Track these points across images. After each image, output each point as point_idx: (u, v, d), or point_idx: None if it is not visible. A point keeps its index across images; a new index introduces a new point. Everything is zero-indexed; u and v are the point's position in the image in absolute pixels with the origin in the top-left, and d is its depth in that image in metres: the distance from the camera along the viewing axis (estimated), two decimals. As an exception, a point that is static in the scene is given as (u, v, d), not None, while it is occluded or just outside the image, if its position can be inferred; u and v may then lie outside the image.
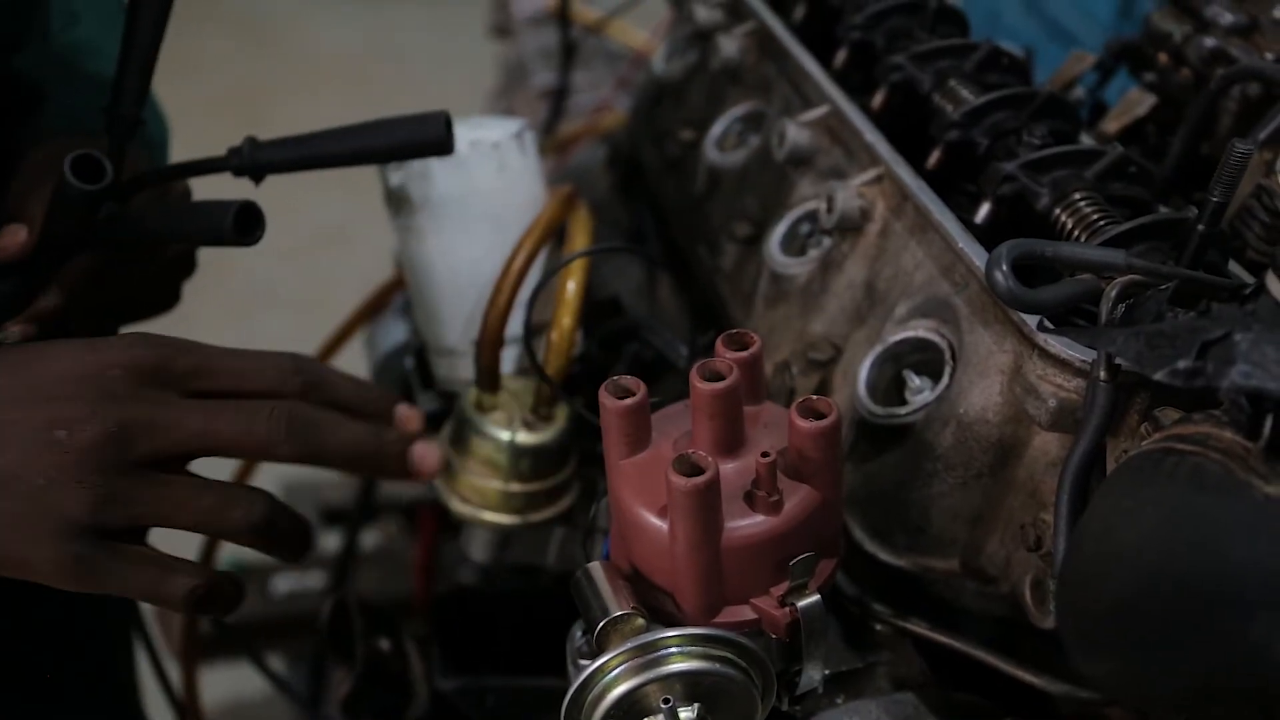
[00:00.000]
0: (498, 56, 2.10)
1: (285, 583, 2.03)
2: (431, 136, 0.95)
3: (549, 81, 1.76)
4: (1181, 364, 0.61)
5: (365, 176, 1.00)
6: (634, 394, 0.75)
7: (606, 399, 0.75)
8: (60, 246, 0.90)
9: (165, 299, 1.05)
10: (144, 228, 0.93)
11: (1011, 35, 1.14)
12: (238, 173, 0.91)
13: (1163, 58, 1.08)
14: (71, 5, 1.09)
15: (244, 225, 0.88)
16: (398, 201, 1.07)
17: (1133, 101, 1.05)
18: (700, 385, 0.73)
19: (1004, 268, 0.70)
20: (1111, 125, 1.04)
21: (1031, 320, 0.77)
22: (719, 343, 0.77)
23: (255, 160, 0.91)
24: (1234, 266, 0.84)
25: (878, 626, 0.86)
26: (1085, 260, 0.73)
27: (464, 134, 1.06)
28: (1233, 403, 0.61)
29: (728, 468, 0.74)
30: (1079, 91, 1.12)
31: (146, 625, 1.37)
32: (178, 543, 1.42)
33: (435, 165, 1.05)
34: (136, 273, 1.00)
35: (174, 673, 1.62)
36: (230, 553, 1.74)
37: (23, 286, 0.90)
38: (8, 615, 1.02)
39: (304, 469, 2.38)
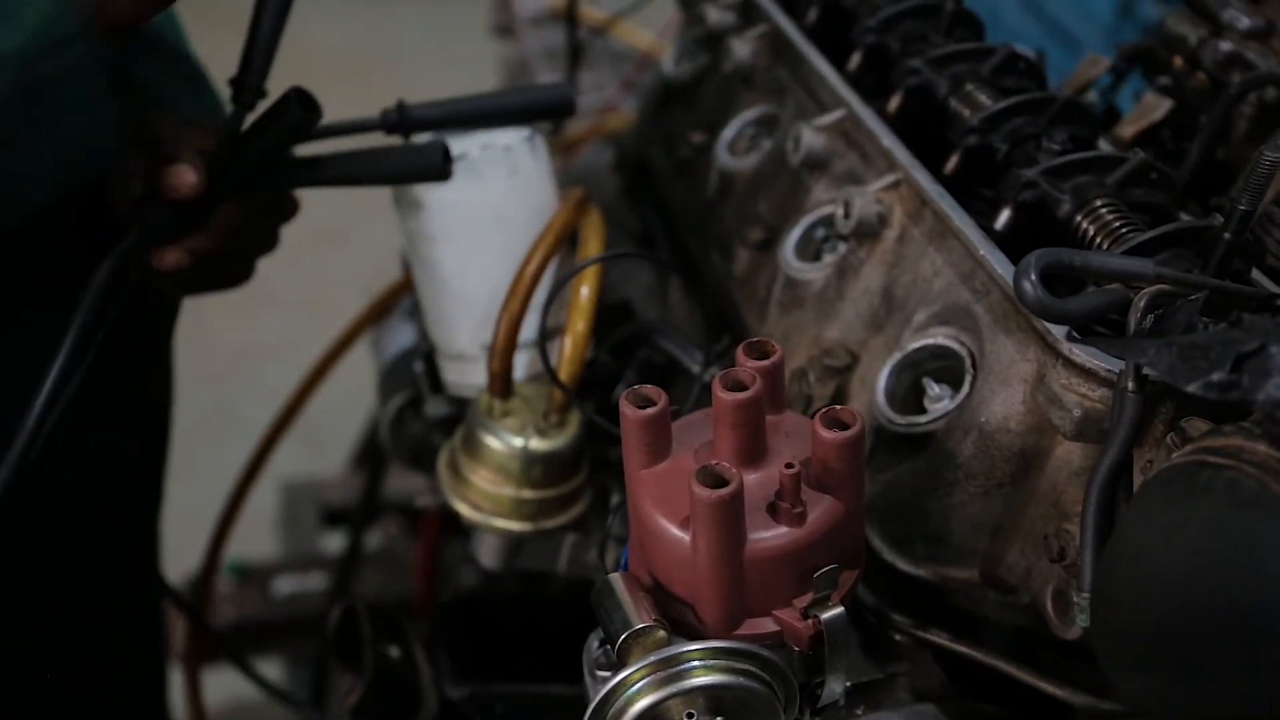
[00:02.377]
0: (499, 56, 2.09)
1: (287, 584, 2.01)
2: (557, 100, 1.04)
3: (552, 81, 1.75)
4: (1216, 376, 0.60)
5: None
6: (655, 403, 0.74)
7: (627, 408, 0.74)
8: (239, 182, 0.96)
9: (245, 271, 1.09)
10: (338, 172, 1.00)
11: (1011, 35, 1.13)
12: (389, 131, 1.00)
13: (1177, 61, 1.08)
14: None
15: (449, 161, 0.99)
16: (408, 205, 1.06)
17: (1149, 106, 1.04)
18: (723, 395, 0.72)
19: (1033, 277, 0.69)
20: (1127, 130, 1.03)
21: (1055, 329, 0.77)
22: (740, 351, 0.76)
23: (406, 120, 1.00)
24: (1256, 274, 0.83)
25: (897, 637, 0.85)
26: (1113, 270, 0.72)
27: (475, 137, 1.05)
28: (1268, 415, 0.60)
29: (750, 478, 0.73)
30: (1091, 95, 1.12)
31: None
32: (179, 540, 1.42)
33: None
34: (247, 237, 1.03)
35: (176, 676, 1.62)
36: (233, 553, 1.73)
37: (181, 221, 0.96)
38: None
39: (307, 469, 2.37)
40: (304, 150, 1.01)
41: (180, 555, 1.96)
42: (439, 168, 0.99)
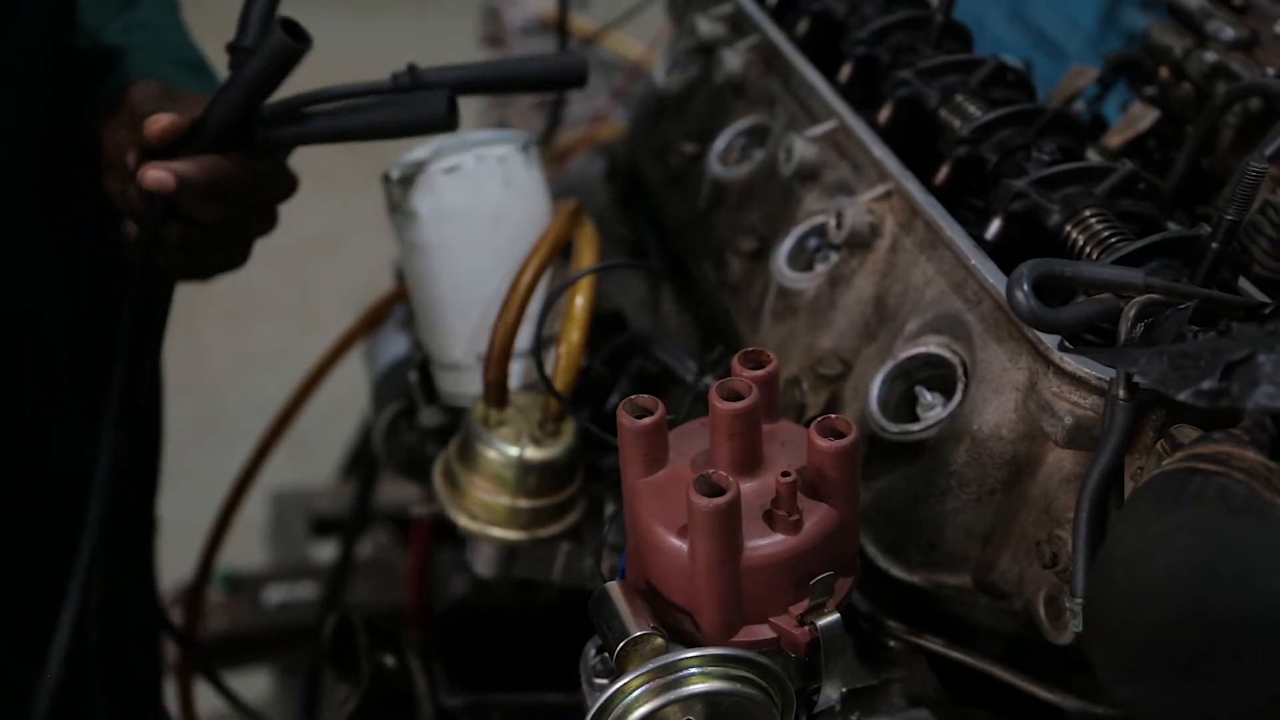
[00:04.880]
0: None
1: (277, 593, 2.01)
2: (570, 69, 1.04)
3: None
4: (1206, 385, 0.61)
5: (358, 184, 1.01)
6: (652, 413, 0.75)
7: (625, 418, 0.75)
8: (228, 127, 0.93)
9: (243, 253, 1.07)
10: (334, 126, 0.97)
11: (997, 45, 1.15)
12: (398, 93, 0.98)
13: (1163, 72, 1.09)
14: None
15: (454, 111, 0.95)
16: (403, 215, 1.07)
17: (1135, 116, 1.05)
18: (720, 405, 0.73)
19: (1025, 288, 0.70)
20: (1114, 139, 1.05)
21: (1046, 338, 0.77)
22: (735, 361, 0.77)
23: (416, 82, 0.97)
24: (1243, 283, 0.84)
25: (891, 643, 0.86)
26: (1104, 280, 0.73)
27: (469, 148, 1.06)
28: (1256, 423, 0.61)
29: (747, 487, 0.74)
30: (1078, 104, 1.13)
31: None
32: (177, 546, 1.42)
33: (441, 179, 1.04)
34: (240, 216, 1.02)
35: (169, 687, 1.61)
36: (223, 563, 1.73)
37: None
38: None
39: (295, 478, 2.36)
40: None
41: (172, 565, 1.96)
42: (442, 118, 0.95)
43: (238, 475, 1.48)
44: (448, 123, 0.96)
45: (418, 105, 0.96)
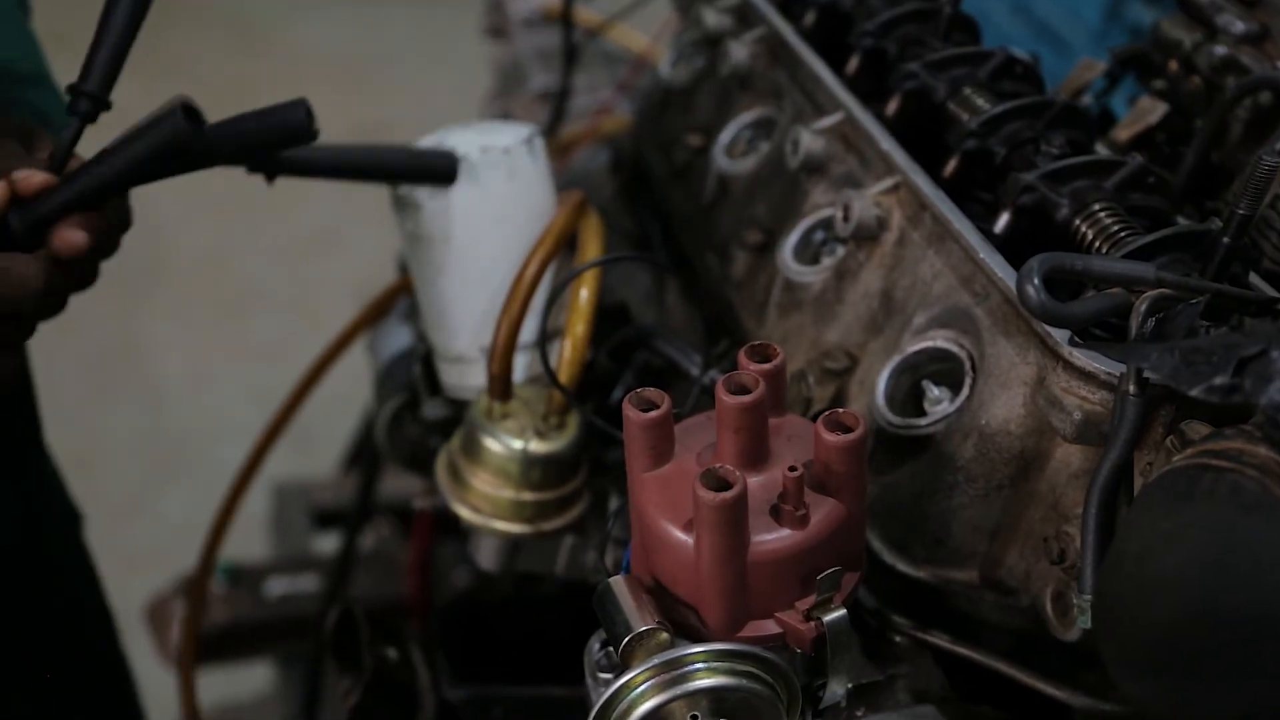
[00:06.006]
0: (492, 58, 2.09)
1: (279, 585, 2.01)
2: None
3: (546, 83, 1.74)
4: (1218, 380, 0.61)
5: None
6: (658, 406, 0.74)
7: (631, 412, 0.74)
8: (97, 190, 0.88)
9: (59, 304, 0.96)
10: (223, 149, 0.91)
11: (1001, 37, 1.14)
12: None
13: (1172, 65, 1.08)
14: None
15: (311, 118, 0.89)
16: (406, 207, 1.06)
17: (1144, 110, 1.05)
18: (726, 399, 0.72)
19: (1036, 282, 0.69)
20: (1123, 133, 1.04)
21: (1056, 332, 0.77)
22: (742, 355, 0.77)
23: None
24: (1254, 278, 0.83)
25: (897, 639, 0.86)
26: (1114, 274, 0.73)
27: (474, 140, 1.05)
28: (1269, 419, 0.60)
29: (753, 481, 0.73)
30: (1086, 98, 1.12)
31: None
32: (179, 539, 1.41)
33: (446, 172, 1.04)
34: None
35: (170, 679, 1.61)
36: (224, 555, 1.73)
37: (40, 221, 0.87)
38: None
39: (297, 471, 2.36)
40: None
41: (174, 558, 1.96)
42: (306, 126, 0.89)
43: (240, 468, 1.48)
44: (309, 133, 0.90)
45: (277, 120, 0.90)
